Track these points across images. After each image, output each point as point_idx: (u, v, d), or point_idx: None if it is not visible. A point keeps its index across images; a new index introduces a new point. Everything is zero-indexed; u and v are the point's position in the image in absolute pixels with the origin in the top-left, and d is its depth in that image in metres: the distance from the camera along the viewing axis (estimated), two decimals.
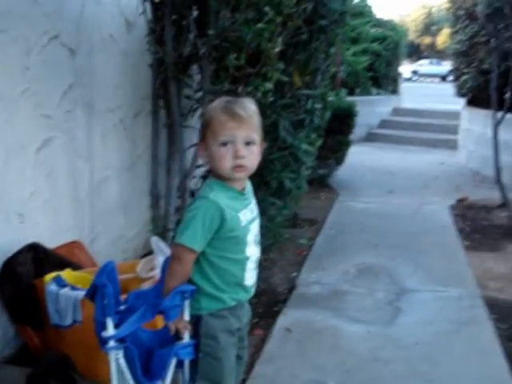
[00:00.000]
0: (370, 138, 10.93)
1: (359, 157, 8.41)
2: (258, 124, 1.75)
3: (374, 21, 11.34)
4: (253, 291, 1.86)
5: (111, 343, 1.63)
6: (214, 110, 1.71)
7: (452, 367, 2.79)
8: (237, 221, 1.71)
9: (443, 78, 40.40)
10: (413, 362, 2.83)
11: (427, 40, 48.83)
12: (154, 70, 3.28)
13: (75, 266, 2.85)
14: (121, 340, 1.65)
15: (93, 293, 1.64)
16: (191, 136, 3.90)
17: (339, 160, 6.73)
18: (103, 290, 1.59)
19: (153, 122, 3.41)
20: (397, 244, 4.74)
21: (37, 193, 2.83)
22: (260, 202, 1.94)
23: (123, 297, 1.75)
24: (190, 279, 1.73)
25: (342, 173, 7.32)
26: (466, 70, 7.80)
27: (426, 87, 26.55)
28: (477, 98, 8.13)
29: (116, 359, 1.64)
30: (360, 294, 3.72)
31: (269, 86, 2.96)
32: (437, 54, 47.46)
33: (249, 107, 1.73)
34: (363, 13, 10.87)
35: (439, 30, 46.58)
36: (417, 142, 10.52)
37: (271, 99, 3.17)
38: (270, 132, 3.85)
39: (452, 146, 9.89)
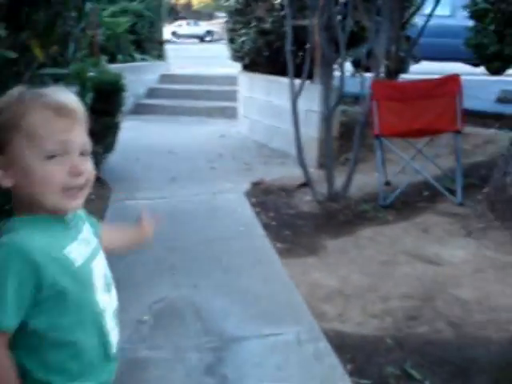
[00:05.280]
0: (139, 109, 9.66)
1: (129, 134, 7.08)
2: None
3: None
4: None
5: None
6: (27, 101, 1.15)
7: None
8: (65, 264, 1.17)
9: (201, 38, 40.41)
10: None
11: (182, 0, 48.11)
12: None
13: None
14: None
15: None
16: None
17: (109, 147, 5.41)
18: None
19: None
20: (197, 261, 3.66)
21: None
22: None
23: None
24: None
25: (113, 157, 6.01)
26: (243, 31, 6.92)
27: (188, 49, 25.81)
28: (255, 62, 7.34)
29: None
30: (166, 361, 2.58)
31: None
32: (193, 14, 47.22)
33: (74, 98, 1.23)
34: None
35: None
36: (191, 112, 9.53)
37: None
38: None
39: (230, 114, 9.08)
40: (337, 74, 5.15)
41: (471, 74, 12.21)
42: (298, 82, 4.89)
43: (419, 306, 3.05)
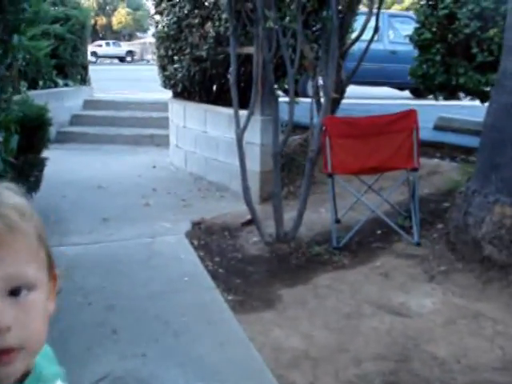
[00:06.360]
0: (62, 138, 9.07)
1: (53, 167, 6.49)
2: (35, 242, 0.80)
3: None
4: None
5: None
6: None
7: None
8: None
9: (122, 59, 39.85)
10: None
11: (102, 20, 47.13)
12: None
13: None
14: None
15: None
16: None
17: (33, 186, 4.90)
18: None
19: None
20: (141, 323, 3.23)
21: None
22: None
23: None
24: None
25: (36, 195, 5.47)
26: (176, 58, 6.55)
27: (109, 70, 25.12)
28: (188, 90, 7.00)
29: None
30: None
31: None
32: (113, 34, 46.42)
33: (7, 204, 0.77)
34: None
35: (114, 10, 45.40)
36: (118, 140, 9.05)
37: None
38: None
39: (159, 142, 8.70)
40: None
41: (399, 97, 12.40)
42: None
43: (396, 368, 2.77)
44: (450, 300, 3.40)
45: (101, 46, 39.43)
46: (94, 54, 36.81)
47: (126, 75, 20.93)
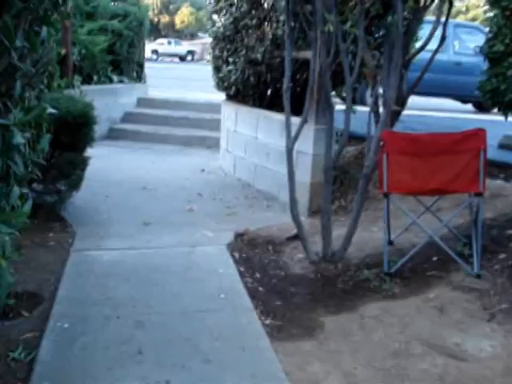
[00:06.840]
0: (113, 135, 9.04)
1: (101, 163, 6.43)
2: None
3: None
4: None
5: None
6: None
7: None
8: None
9: (182, 58, 40.18)
10: None
11: (165, 19, 47.63)
12: None
13: None
14: None
15: None
16: None
17: (73, 185, 4.74)
18: None
19: None
20: (170, 344, 2.99)
21: None
22: None
23: None
24: None
25: (79, 192, 5.32)
26: (230, 60, 6.32)
27: (170, 68, 25.26)
28: (241, 93, 6.76)
29: None
30: None
31: None
32: (175, 33, 46.87)
33: None
34: None
35: (177, 9, 45.80)
36: (169, 140, 8.92)
37: None
38: None
39: (210, 145, 8.52)
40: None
41: (460, 111, 11.86)
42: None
43: None
44: (511, 344, 3.03)
45: (162, 44, 39.85)
46: (155, 51, 37.27)
47: (184, 74, 20.94)
